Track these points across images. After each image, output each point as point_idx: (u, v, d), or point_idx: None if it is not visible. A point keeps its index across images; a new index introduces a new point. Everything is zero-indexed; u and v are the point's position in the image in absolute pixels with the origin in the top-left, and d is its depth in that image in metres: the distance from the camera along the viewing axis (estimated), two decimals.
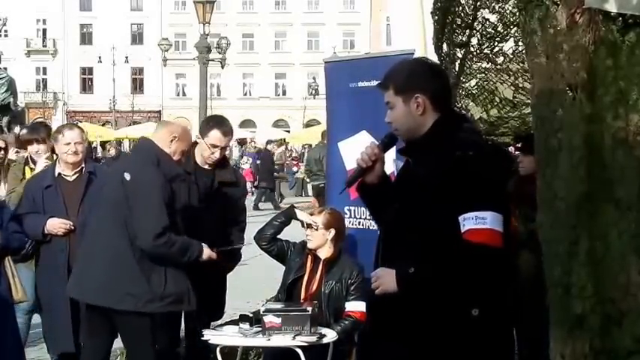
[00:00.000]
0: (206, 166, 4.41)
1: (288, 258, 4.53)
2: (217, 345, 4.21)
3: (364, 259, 4.13)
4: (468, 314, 2.48)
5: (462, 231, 2.47)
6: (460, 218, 2.47)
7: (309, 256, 4.40)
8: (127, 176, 3.80)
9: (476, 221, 2.45)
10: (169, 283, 3.82)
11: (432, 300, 2.50)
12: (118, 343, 4.23)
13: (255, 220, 8.35)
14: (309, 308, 4.04)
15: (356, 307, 4.24)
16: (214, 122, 4.45)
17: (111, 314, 3.87)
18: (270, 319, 4.03)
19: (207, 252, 3.99)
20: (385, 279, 2.56)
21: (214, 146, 4.32)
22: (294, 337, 3.97)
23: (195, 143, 4.46)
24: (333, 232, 4.35)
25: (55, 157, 4.84)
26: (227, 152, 4.74)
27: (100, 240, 3.88)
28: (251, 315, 4.24)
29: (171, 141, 3.90)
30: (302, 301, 4.30)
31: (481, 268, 2.48)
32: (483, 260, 2.47)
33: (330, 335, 4.10)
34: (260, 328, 4.09)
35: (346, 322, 4.23)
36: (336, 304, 4.29)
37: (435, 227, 2.50)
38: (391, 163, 2.85)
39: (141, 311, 3.78)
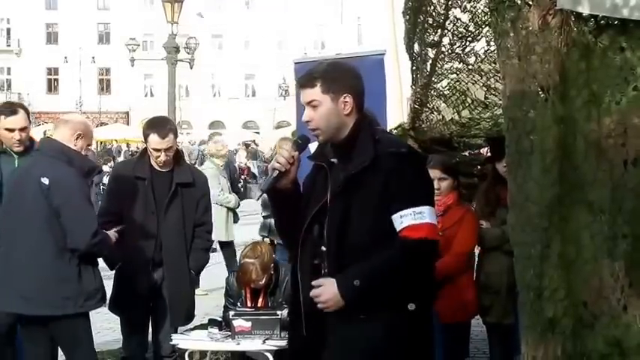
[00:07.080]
0: (160, 169, 4.34)
1: (226, 279, 4.46)
2: (186, 349, 4.14)
3: None
4: (405, 309, 2.47)
5: (401, 227, 2.46)
6: (396, 216, 2.46)
7: (247, 288, 4.30)
8: (45, 181, 3.69)
9: (414, 217, 2.45)
10: (97, 277, 3.80)
11: (376, 302, 2.47)
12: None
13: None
14: (280, 312, 3.98)
15: None
16: (151, 126, 4.36)
17: (48, 321, 3.76)
18: (239, 323, 3.97)
19: (112, 236, 3.97)
20: (329, 297, 2.48)
21: (156, 150, 4.28)
22: (264, 342, 3.92)
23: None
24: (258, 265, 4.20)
25: None
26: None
27: (24, 249, 3.75)
28: (220, 319, 4.18)
29: (76, 138, 3.82)
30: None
31: (424, 262, 2.51)
32: (426, 254, 2.51)
33: None
34: (229, 332, 4.03)
35: None
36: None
37: (378, 228, 2.48)
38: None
39: (79, 312, 3.72)
